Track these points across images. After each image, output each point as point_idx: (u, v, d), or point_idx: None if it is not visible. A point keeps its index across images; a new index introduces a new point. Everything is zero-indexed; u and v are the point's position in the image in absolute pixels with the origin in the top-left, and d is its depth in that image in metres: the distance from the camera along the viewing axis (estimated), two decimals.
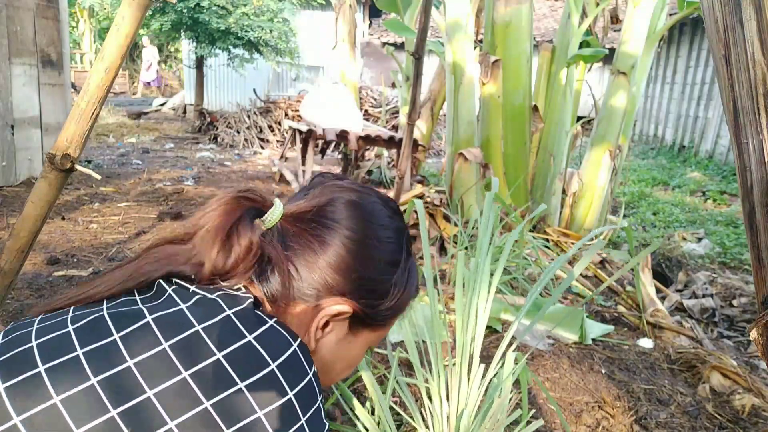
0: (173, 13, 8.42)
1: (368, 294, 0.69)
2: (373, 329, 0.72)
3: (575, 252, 1.77)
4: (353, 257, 0.67)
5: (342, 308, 0.67)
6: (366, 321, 0.70)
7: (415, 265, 0.75)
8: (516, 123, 3.86)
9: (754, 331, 0.86)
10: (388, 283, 0.70)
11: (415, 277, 0.74)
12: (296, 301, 0.67)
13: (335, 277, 0.66)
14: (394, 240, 0.71)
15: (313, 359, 0.66)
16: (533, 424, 1.21)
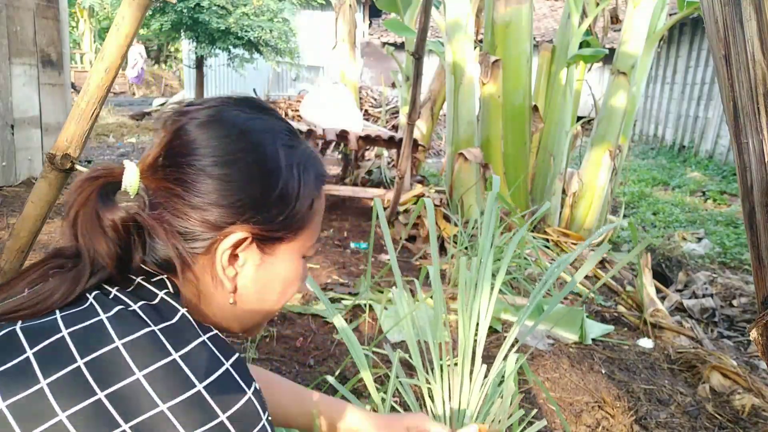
0: (173, 13, 8.42)
1: (259, 211, 0.61)
2: (289, 240, 0.65)
3: (578, 254, 1.78)
4: (225, 182, 0.60)
5: (236, 237, 0.60)
6: (274, 237, 0.64)
7: (308, 154, 0.67)
8: (516, 123, 3.86)
9: (754, 331, 0.86)
10: (277, 191, 0.62)
11: (311, 167, 0.66)
12: (194, 257, 0.61)
13: (215, 212, 0.59)
14: (264, 142, 0.62)
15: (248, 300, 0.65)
16: (536, 425, 1.21)
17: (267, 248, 0.64)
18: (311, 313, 2.33)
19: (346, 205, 4.83)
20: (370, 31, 14.78)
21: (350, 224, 4.26)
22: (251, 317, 0.68)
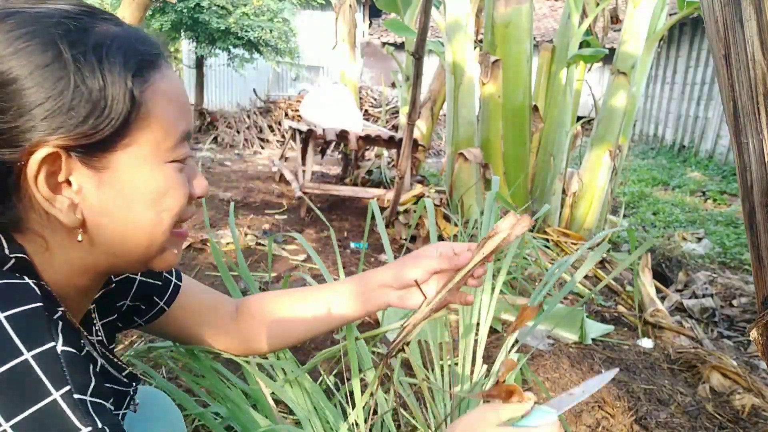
0: (173, 13, 8.43)
1: (55, 116, 0.51)
2: (124, 145, 0.54)
3: (579, 256, 1.78)
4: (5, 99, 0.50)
5: (41, 155, 0.51)
6: (95, 145, 0.53)
7: (111, 36, 0.54)
8: (516, 123, 3.86)
9: (754, 331, 0.86)
10: (70, 87, 0.51)
11: (117, 51, 0.54)
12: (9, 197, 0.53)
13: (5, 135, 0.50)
14: (37, 33, 0.51)
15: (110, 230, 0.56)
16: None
17: (96, 162, 0.53)
18: None
19: (346, 205, 4.84)
20: (370, 31, 14.78)
21: (350, 224, 4.26)
22: (133, 248, 0.58)
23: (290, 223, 4.12)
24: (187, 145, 0.59)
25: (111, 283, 0.74)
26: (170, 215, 0.59)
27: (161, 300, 0.81)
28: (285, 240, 3.58)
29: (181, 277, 0.84)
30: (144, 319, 0.81)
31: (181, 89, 0.59)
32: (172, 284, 0.82)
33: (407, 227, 3.55)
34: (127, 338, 2.04)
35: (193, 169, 0.63)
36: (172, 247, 0.63)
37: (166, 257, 0.63)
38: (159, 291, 0.81)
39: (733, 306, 3.30)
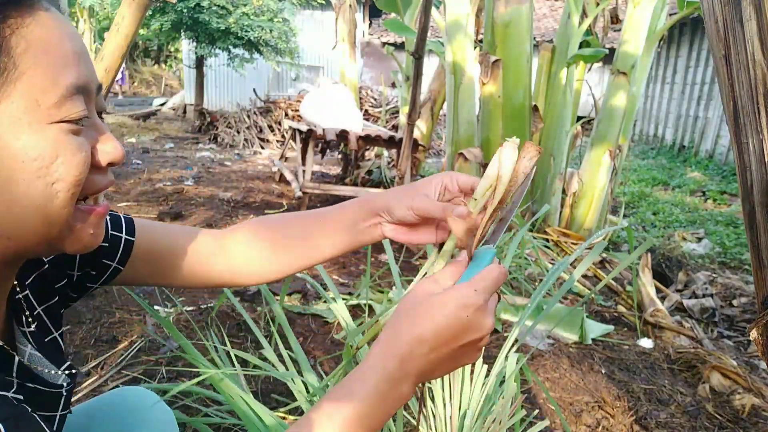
0: (173, 13, 8.43)
1: None
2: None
3: (578, 255, 1.78)
4: None
5: None
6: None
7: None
8: (516, 123, 3.86)
9: (754, 331, 0.86)
10: None
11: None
12: None
13: None
14: None
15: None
16: (538, 425, 1.21)
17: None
18: (311, 314, 2.34)
19: None
20: (370, 31, 14.78)
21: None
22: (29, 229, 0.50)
23: None
24: (80, 103, 0.49)
25: (43, 264, 0.66)
26: (65, 186, 0.49)
27: (113, 261, 0.73)
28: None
29: (134, 231, 0.75)
30: (99, 283, 0.74)
31: (66, 35, 0.49)
32: (123, 241, 0.73)
33: None
34: (127, 338, 2.04)
35: (98, 131, 0.54)
36: (84, 225, 0.54)
37: (79, 237, 0.54)
38: (107, 253, 0.72)
39: (733, 306, 3.30)
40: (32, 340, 0.60)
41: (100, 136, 0.54)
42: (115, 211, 0.75)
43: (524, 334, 1.73)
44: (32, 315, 0.63)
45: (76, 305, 2.33)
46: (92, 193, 0.54)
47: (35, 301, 0.65)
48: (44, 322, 0.65)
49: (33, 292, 0.64)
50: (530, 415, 1.64)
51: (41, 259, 0.66)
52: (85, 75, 0.50)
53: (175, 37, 9.43)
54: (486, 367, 1.37)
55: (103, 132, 0.54)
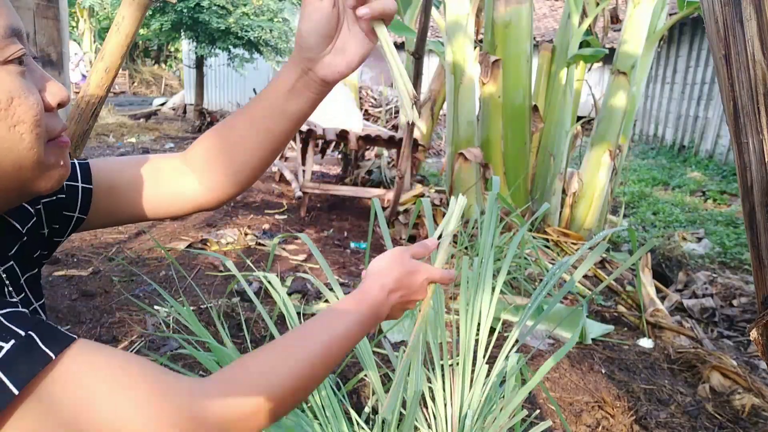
0: (173, 12, 8.43)
1: None
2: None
3: (579, 256, 1.78)
4: None
5: None
6: None
7: None
8: (516, 123, 3.86)
9: (754, 331, 0.86)
10: None
11: None
12: None
13: None
14: None
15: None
16: (540, 425, 1.21)
17: None
18: (311, 313, 2.34)
19: (346, 205, 4.84)
20: None
21: (350, 224, 4.26)
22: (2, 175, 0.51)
23: (290, 223, 4.12)
24: (17, 43, 0.50)
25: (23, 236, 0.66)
26: (28, 128, 0.50)
27: (74, 212, 0.71)
28: (285, 240, 3.57)
29: (90, 177, 0.72)
30: (65, 235, 0.73)
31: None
32: (80, 190, 0.71)
33: (407, 227, 3.55)
34: (126, 338, 2.04)
35: (40, 75, 0.54)
36: (54, 158, 0.55)
37: (51, 174, 0.55)
38: (66, 204, 0.70)
39: (733, 306, 3.30)
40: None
41: (43, 80, 0.54)
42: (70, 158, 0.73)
43: (525, 334, 1.73)
44: (17, 287, 0.62)
45: (76, 305, 2.34)
46: (54, 135, 0.55)
47: (19, 271, 0.64)
48: (27, 294, 0.65)
49: (17, 261, 0.63)
50: (531, 415, 1.64)
51: (20, 232, 0.65)
52: (14, 17, 0.51)
53: (175, 37, 9.42)
54: (487, 368, 1.37)
55: (45, 76, 0.55)
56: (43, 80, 0.54)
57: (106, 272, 2.77)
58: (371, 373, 1.30)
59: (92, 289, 2.52)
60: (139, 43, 16.25)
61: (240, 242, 3.39)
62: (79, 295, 2.45)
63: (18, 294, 0.63)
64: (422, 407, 1.43)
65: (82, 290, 2.50)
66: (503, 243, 2.86)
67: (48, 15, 4.72)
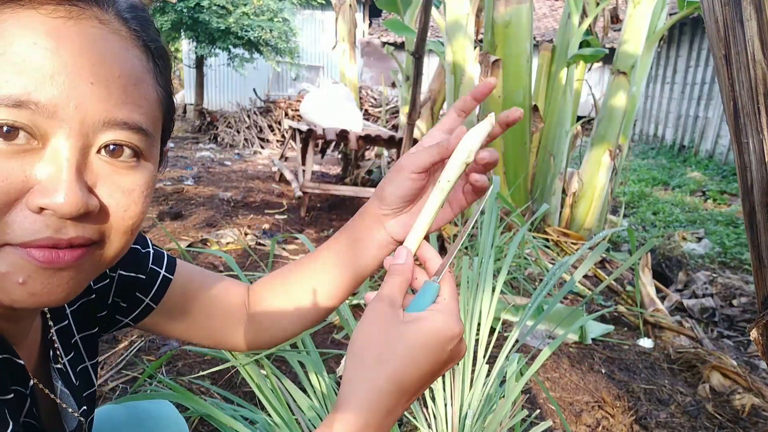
0: (173, 12, 8.43)
1: None
2: None
3: (579, 256, 1.78)
4: None
5: None
6: None
7: None
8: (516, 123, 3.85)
9: (754, 331, 0.86)
10: None
11: None
12: None
13: None
14: None
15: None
16: (540, 425, 1.21)
17: None
18: None
19: (346, 205, 4.84)
20: (370, 31, 14.77)
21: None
22: None
23: (290, 223, 4.12)
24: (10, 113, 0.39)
25: (91, 294, 0.64)
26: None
27: (146, 296, 0.68)
28: (285, 240, 3.57)
29: (173, 268, 0.70)
30: (129, 318, 0.69)
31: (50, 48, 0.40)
32: (161, 277, 0.68)
33: None
34: (127, 338, 2.04)
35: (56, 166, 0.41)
36: (7, 270, 0.41)
37: (4, 287, 0.41)
38: (142, 286, 0.67)
39: (733, 306, 3.30)
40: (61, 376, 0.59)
41: (53, 172, 0.41)
42: (160, 248, 0.72)
43: (525, 334, 1.73)
44: (69, 345, 0.61)
45: None
46: (21, 243, 0.41)
47: (75, 329, 0.62)
48: (80, 351, 0.63)
49: (74, 319, 0.62)
50: (531, 414, 1.64)
51: (90, 289, 0.64)
52: (52, 94, 0.40)
53: (175, 36, 9.42)
54: (487, 367, 1.37)
55: (59, 170, 0.41)
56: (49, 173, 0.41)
57: None
58: None
59: None
60: None
61: (240, 242, 3.39)
62: None
63: (67, 354, 0.60)
64: (422, 407, 1.43)
65: None
66: (503, 243, 2.86)
67: None
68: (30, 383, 0.51)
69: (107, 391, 1.71)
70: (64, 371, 0.60)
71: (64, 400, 0.58)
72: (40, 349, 0.58)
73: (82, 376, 0.63)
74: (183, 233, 3.52)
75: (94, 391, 0.65)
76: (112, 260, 0.48)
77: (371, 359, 0.48)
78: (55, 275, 0.42)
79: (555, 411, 1.75)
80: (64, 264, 0.42)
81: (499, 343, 2.11)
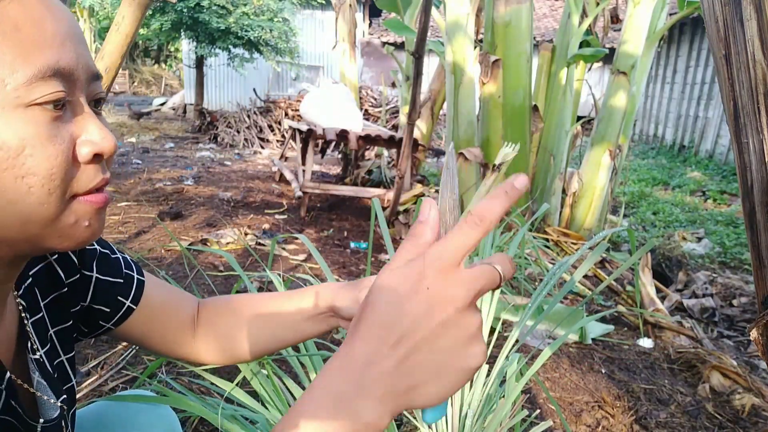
0: (173, 12, 8.44)
1: None
2: None
3: (579, 256, 1.79)
4: None
5: None
6: None
7: None
8: (516, 123, 3.85)
9: (754, 330, 0.86)
10: None
11: None
12: None
13: None
14: None
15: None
16: (540, 425, 1.20)
17: None
18: None
19: (346, 205, 4.84)
20: (370, 31, 14.77)
21: (350, 224, 4.26)
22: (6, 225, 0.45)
23: (290, 222, 4.12)
24: (57, 84, 0.44)
25: (63, 287, 0.65)
26: (38, 181, 0.44)
27: (126, 299, 0.70)
28: (285, 240, 3.58)
29: (142, 272, 0.74)
30: (112, 323, 0.71)
31: (50, 16, 0.44)
32: (135, 280, 0.71)
33: (407, 227, 3.55)
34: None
35: (86, 120, 0.48)
36: (74, 218, 0.48)
37: (70, 234, 0.48)
38: (122, 289, 0.70)
39: (733, 306, 3.30)
40: (39, 366, 0.59)
41: (87, 125, 0.48)
42: (124, 253, 0.75)
43: (525, 334, 1.73)
44: (45, 337, 0.61)
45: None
46: (85, 192, 0.48)
47: (49, 322, 0.63)
48: (54, 345, 0.63)
49: (48, 312, 0.63)
50: (531, 414, 1.64)
51: (62, 282, 0.65)
52: (69, 58, 0.45)
53: (175, 36, 9.43)
54: (487, 367, 1.37)
55: (91, 121, 0.48)
56: (87, 127, 0.48)
57: None
58: None
59: None
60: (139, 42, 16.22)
61: (240, 242, 3.39)
62: None
63: (43, 346, 0.61)
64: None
65: None
66: (503, 243, 2.86)
67: None
68: (6, 376, 0.51)
69: (107, 391, 1.70)
70: (41, 361, 0.60)
71: (41, 390, 0.58)
72: (16, 343, 0.58)
73: (59, 370, 0.63)
74: (183, 233, 3.52)
75: (73, 386, 0.65)
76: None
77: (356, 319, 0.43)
78: (102, 213, 0.52)
79: (555, 411, 1.75)
80: (106, 202, 0.52)
81: (499, 343, 2.11)
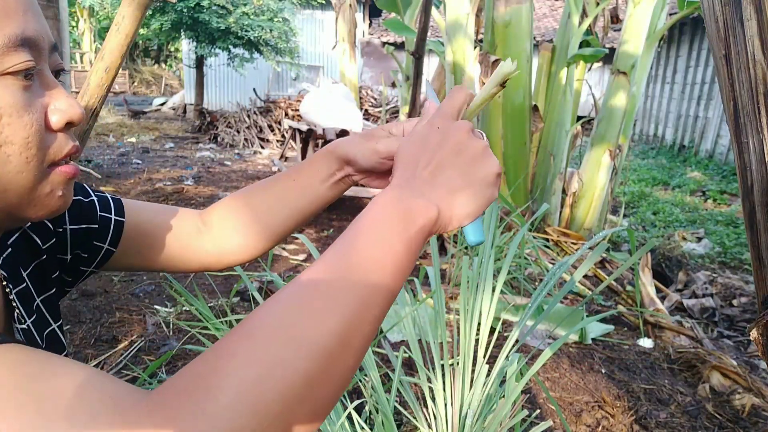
0: (173, 12, 8.44)
1: None
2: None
3: (579, 256, 1.79)
4: None
5: None
6: None
7: None
8: (516, 123, 3.86)
9: (754, 330, 0.86)
10: None
11: None
12: None
13: None
14: None
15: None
16: (540, 425, 1.20)
17: None
18: None
19: (346, 205, 4.84)
20: (370, 31, 14.77)
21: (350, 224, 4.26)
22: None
23: None
24: (25, 54, 0.45)
25: (42, 254, 0.65)
26: (16, 150, 0.45)
27: (104, 243, 0.70)
28: (285, 240, 3.57)
29: (123, 211, 0.73)
30: (93, 266, 0.72)
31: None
32: (113, 222, 0.71)
33: None
34: (127, 338, 2.04)
35: (51, 89, 0.49)
36: (49, 187, 0.49)
37: (45, 203, 0.50)
38: (98, 234, 0.70)
39: (733, 306, 3.30)
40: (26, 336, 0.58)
41: (54, 95, 0.49)
42: (102, 192, 0.74)
43: (525, 334, 1.73)
44: (31, 308, 0.61)
45: (76, 305, 2.33)
46: (58, 159, 0.49)
47: (35, 291, 0.63)
48: (43, 314, 0.64)
49: (32, 282, 0.63)
50: (531, 414, 1.64)
51: (40, 249, 0.64)
52: (33, 28, 0.46)
53: (175, 36, 9.43)
54: (487, 367, 1.37)
55: (58, 90, 0.49)
56: (54, 96, 0.49)
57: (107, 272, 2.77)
58: (372, 373, 1.31)
59: (92, 288, 2.52)
60: (139, 42, 16.24)
61: None
62: (79, 295, 2.45)
63: (29, 316, 0.61)
64: (422, 407, 1.43)
65: (82, 290, 2.50)
66: (503, 243, 2.86)
67: (48, 15, 4.72)
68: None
69: None
70: (29, 331, 0.60)
71: None
72: (3, 315, 0.58)
73: (50, 340, 0.63)
74: None
75: (67, 354, 0.64)
76: None
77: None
78: (71, 183, 0.53)
79: (555, 411, 1.75)
80: (77, 173, 0.52)
81: (499, 343, 2.11)
